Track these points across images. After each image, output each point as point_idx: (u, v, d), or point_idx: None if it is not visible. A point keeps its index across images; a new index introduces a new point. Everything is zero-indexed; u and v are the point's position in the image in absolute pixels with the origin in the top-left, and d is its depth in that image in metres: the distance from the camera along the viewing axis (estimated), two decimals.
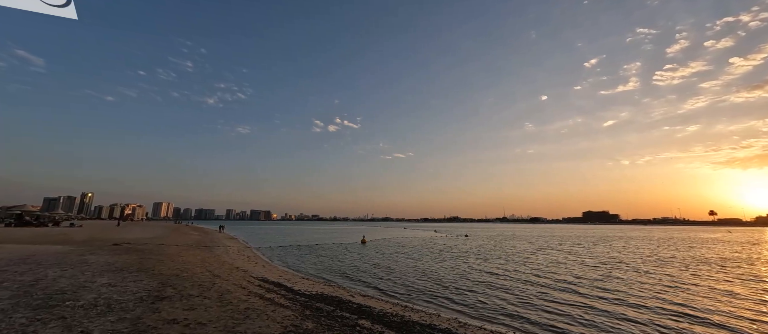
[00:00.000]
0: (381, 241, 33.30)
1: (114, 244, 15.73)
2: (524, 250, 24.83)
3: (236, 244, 25.51)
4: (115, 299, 5.24)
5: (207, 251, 16.55)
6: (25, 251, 11.10)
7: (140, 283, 6.69)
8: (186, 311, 4.93)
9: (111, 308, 4.77)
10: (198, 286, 7.02)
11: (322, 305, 6.88)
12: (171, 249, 15.23)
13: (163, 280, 7.20)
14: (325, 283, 11.12)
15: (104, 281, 6.59)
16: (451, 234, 52.18)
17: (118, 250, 12.94)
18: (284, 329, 4.63)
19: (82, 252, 11.43)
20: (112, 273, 7.56)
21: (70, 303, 4.89)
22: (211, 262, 12.48)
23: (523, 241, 35.64)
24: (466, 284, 11.39)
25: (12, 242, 14.98)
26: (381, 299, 8.96)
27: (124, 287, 6.23)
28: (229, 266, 12.38)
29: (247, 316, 5.07)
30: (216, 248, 18.97)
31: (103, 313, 4.52)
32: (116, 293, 5.65)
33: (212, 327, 4.34)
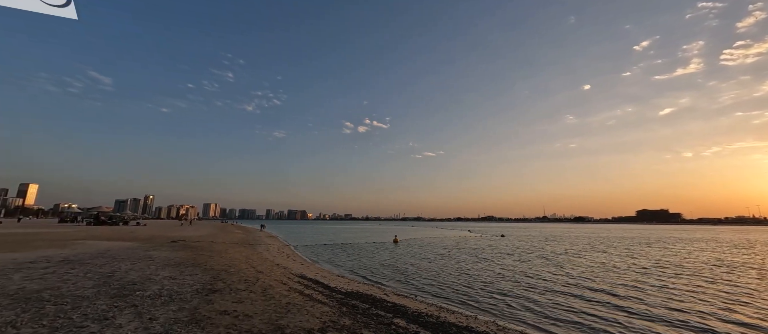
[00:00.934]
0: (413, 240, 33.16)
1: (172, 241, 17.48)
2: (566, 252, 23.17)
3: (276, 242, 27.01)
4: (176, 291, 5.84)
5: (250, 249, 17.73)
6: (102, 247, 12.78)
7: (195, 276, 7.38)
8: (235, 304, 5.34)
9: (172, 298, 5.33)
10: (244, 281, 7.56)
11: (357, 303, 7.04)
12: (219, 246, 16.56)
13: (214, 274, 7.87)
14: (359, 281, 11.35)
15: (166, 274, 7.37)
16: (485, 234, 50.35)
17: (175, 246, 14.37)
18: (323, 324, 4.82)
19: (147, 248, 12.87)
20: (172, 267, 8.42)
21: (139, 293, 5.55)
22: (254, 259, 13.36)
23: (565, 242, 33.29)
24: (502, 287, 10.93)
25: (92, 238, 17.31)
26: (415, 299, 8.93)
27: (183, 280, 6.91)
28: (271, 262, 13.15)
29: (289, 310, 5.36)
30: (258, 246, 20.25)
31: (166, 302, 5.06)
32: (176, 285, 6.29)
33: (258, 319, 4.66)
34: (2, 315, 4.09)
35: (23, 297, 4.95)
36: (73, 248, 11.80)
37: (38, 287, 5.66)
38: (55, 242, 14.53)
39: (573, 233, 56.34)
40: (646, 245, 29.78)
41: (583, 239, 39.76)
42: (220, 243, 18.62)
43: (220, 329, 4.08)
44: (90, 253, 10.59)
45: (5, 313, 4.19)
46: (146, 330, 3.85)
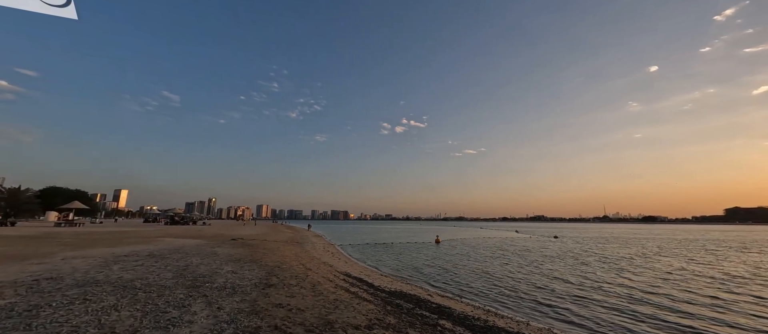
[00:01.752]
0: (455, 241, 32.27)
1: (232, 239, 19.34)
2: (632, 255, 20.58)
3: (321, 241, 28.33)
4: (237, 284, 6.45)
5: (299, 247, 18.85)
6: (177, 243, 14.63)
7: (253, 272, 8.07)
8: (288, 298, 5.73)
9: (235, 290, 5.90)
10: (295, 277, 8.06)
11: (402, 303, 7.08)
12: (272, 244, 17.89)
13: (268, 270, 8.53)
14: (402, 281, 11.39)
15: (229, 269, 8.18)
16: (535, 235, 46.96)
17: (235, 244, 15.87)
18: (369, 322, 4.94)
19: (212, 245, 14.42)
20: (233, 263, 9.33)
21: (208, 285, 6.24)
22: (302, 256, 14.17)
23: (632, 244, 29.59)
24: (554, 292, 10.11)
25: (169, 236, 19.91)
26: (460, 301, 8.69)
27: (243, 274, 7.62)
28: (318, 260, 13.84)
29: (337, 306, 5.59)
30: (306, 245, 21.44)
31: (230, 294, 5.62)
32: (238, 279, 6.95)
33: (309, 313, 4.94)
34: (108, 299, 4.92)
35: (121, 285, 5.89)
36: (155, 245, 13.70)
37: (131, 276, 6.69)
38: (142, 238, 17.01)
39: (641, 235, 49.87)
40: (740, 249, 25.16)
41: (654, 241, 34.99)
42: (272, 241, 20.09)
43: (276, 320, 4.41)
44: (168, 249, 12.19)
45: (109, 298, 5.03)
46: (215, 318, 4.32)
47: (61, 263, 8.03)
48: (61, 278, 6.26)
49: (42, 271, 6.97)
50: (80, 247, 12.02)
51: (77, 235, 18.98)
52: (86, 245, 12.64)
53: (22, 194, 42.37)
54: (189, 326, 3.95)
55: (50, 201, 49.42)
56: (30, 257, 9.04)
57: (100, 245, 12.78)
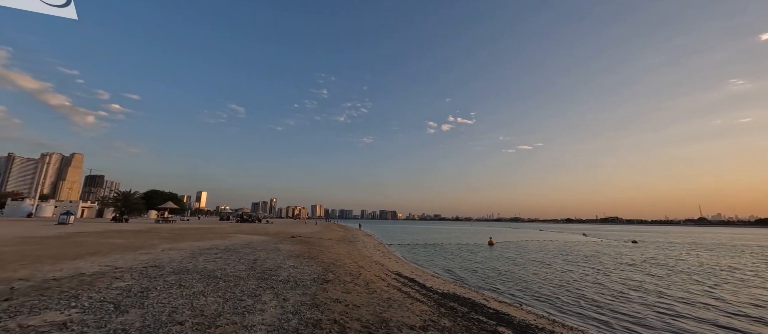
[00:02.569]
0: (511, 243, 30.20)
1: (292, 236, 20.98)
2: (736, 266, 16.81)
3: (372, 240, 29.04)
4: (299, 278, 6.98)
5: (351, 246, 19.60)
6: (247, 239, 16.40)
7: (311, 267, 8.64)
8: (344, 294, 6.00)
9: (297, 284, 6.39)
10: (349, 274, 8.41)
11: (456, 305, 6.88)
12: (326, 242, 18.93)
13: (325, 267, 9.04)
14: (455, 283, 11.06)
15: (290, 264, 8.89)
16: (608, 239, 41.42)
17: (294, 241, 17.19)
18: (423, 323, 4.90)
19: (275, 242, 15.83)
20: (294, 258, 10.11)
21: (274, 278, 6.87)
22: (355, 255, 14.71)
23: (737, 253, 24.21)
24: (631, 304, 8.78)
25: (240, 233, 22.43)
26: (521, 308, 8.11)
27: (303, 270, 8.21)
28: (369, 259, 14.23)
29: (390, 305, 5.68)
30: (357, 243, 22.21)
31: (293, 287, 6.10)
32: (298, 274, 7.51)
33: (365, 310, 5.10)
34: (197, 286, 5.74)
35: (206, 275, 6.83)
36: (230, 240, 15.56)
37: (213, 267, 7.70)
38: (219, 234, 19.46)
39: (752, 241, 40.47)
40: None
41: None
42: (327, 239, 21.25)
43: (334, 314, 4.65)
44: (240, 244, 13.74)
45: (198, 285, 5.85)
46: (282, 308, 4.74)
47: (161, 254, 9.62)
48: (161, 266, 7.50)
49: (148, 260, 8.43)
50: (174, 240, 14.23)
51: (171, 230, 22.52)
52: (178, 239, 14.92)
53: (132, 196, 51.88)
54: (261, 314, 4.40)
55: (151, 202, 59.66)
56: (139, 247, 11.01)
57: (188, 239, 14.98)
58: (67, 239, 13.14)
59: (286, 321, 4.20)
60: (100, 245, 11.25)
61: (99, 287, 5.26)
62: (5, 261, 7.39)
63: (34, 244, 11.13)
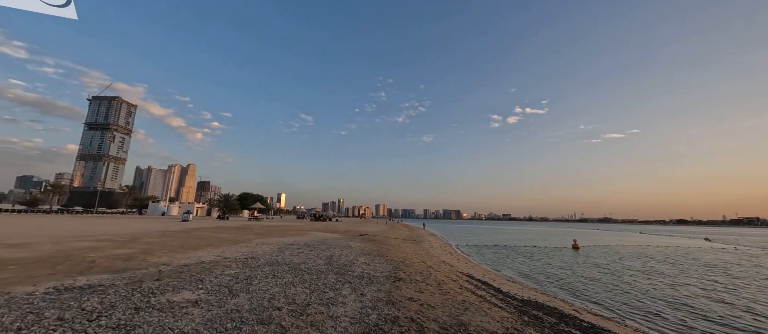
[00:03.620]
0: (601, 248, 26.05)
1: (360, 234, 22.07)
2: None
3: (437, 240, 28.55)
4: (372, 275, 7.27)
5: (417, 245, 19.61)
6: (321, 237, 17.86)
7: (382, 265, 8.92)
8: (417, 293, 6.02)
9: (371, 281, 6.67)
10: (419, 273, 8.41)
11: (540, 314, 6.24)
12: (393, 241, 19.34)
13: (395, 265, 9.23)
14: (535, 289, 10.06)
15: (363, 261, 9.34)
16: (747, 245, 32.25)
17: (363, 239, 18.03)
18: (505, 330, 4.58)
19: (346, 239, 16.85)
20: (365, 256, 10.60)
21: (349, 273, 7.30)
22: (422, 254, 14.66)
23: None
24: None
25: (315, 230, 24.58)
26: (623, 324, 6.92)
27: (374, 267, 8.53)
28: (436, 259, 14.00)
29: (466, 308, 5.46)
30: (422, 243, 22.11)
31: (368, 283, 6.39)
32: (371, 271, 7.83)
33: (440, 311, 5.02)
34: (287, 277, 6.48)
35: (293, 267, 7.66)
36: (307, 237, 17.18)
37: (298, 261, 8.60)
38: (298, 231, 21.67)
39: None
40: None
41: None
42: (393, 238, 21.70)
43: (411, 313, 4.70)
44: (316, 240, 15.05)
45: (287, 276, 6.60)
46: (361, 302, 5.00)
47: (256, 247, 11.17)
48: (257, 258, 8.70)
49: (247, 252, 9.89)
50: (264, 236, 16.39)
51: (261, 227, 26.00)
52: (267, 235, 17.13)
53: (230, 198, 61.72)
54: (343, 307, 4.72)
55: (244, 202, 70.08)
56: (239, 241, 13.00)
57: (274, 235, 17.07)
58: (190, 233, 16.32)
59: (366, 315, 4.41)
60: (212, 239, 13.66)
61: (216, 273, 6.38)
62: (154, 249, 9.58)
63: (169, 236, 14.15)
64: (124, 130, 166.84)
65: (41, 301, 4.20)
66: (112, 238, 12.71)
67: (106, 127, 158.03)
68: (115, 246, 10.08)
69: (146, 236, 14.17)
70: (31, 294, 4.48)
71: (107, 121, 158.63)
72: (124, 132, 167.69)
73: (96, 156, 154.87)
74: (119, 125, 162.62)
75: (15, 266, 6.44)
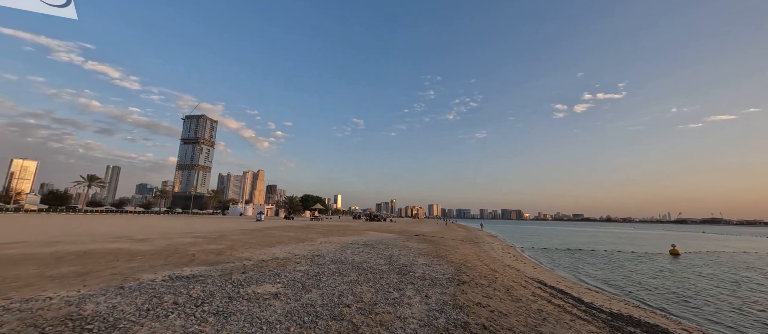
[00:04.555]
0: (711, 255, 21.30)
1: (415, 235, 21.93)
2: None
3: (497, 242, 26.80)
4: (434, 277, 7.11)
5: (476, 247, 18.67)
6: (378, 236, 18.23)
7: (442, 267, 8.67)
8: (485, 298, 5.67)
9: (434, 283, 6.51)
10: (484, 277, 7.94)
11: (636, 331, 5.32)
12: (449, 242, 18.75)
13: (456, 267, 8.89)
14: (626, 301, 8.67)
15: (423, 262, 9.22)
16: None
17: (419, 239, 17.86)
18: None
19: (402, 239, 16.89)
20: (424, 256, 10.46)
21: (411, 274, 7.25)
22: (483, 256, 13.88)
23: None
24: None
25: (371, 230, 25.24)
26: None
27: (435, 268, 8.34)
28: (500, 262, 13.10)
29: (544, 318, 4.94)
30: (482, 244, 20.96)
31: (431, 285, 6.25)
32: (433, 272, 7.67)
33: (514, 320, 4.63)
34: (351, 275, 6.72)
35: (355, 265, 7.93)
36: (365, 236, 17.71)
37: (359, 260, 8.88)
38: (355, 231, 22.51)
39: None
40: None
41: None
42: (449, 239, 21.05)
43: (481, 319, 4.43)
44: (374, 240, 15.40)
45: (352, 274, 6.85)
46: (426, 305, 4.90)
47: (320, 246, 11.90)
48: (322, 256, 9.24)
49: (312, 250, 10.59)
50: (325, 235, 17.41)
51: (322, 227, 27.74)
52: (328, 234, 18.16)
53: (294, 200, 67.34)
54: (409, 308, 4.68)
55: (305, 204, 75.79)
56: (305, 240, 14.02)
57: (335, 234, 18.01)
58: (263, 232, 18.22)
59: (434, 319, 4.29)
60: (282, 237, 15.01)
61: (289, 269, 6.95)
62: (237, 245, 10.92)
63: (247, 234, 16.00)
64: (208, 143, 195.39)
65: (160, 287, 5.08)
66: (204, 235, 14.89)
67: (195, 141, 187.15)
68: (208, 242, 11.76)
69: (230, 233, 16.26)
70: (153, 281, 5.46)
71: (196, 136, 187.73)
72: (209, 144, 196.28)
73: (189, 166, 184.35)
74: (205, 139, 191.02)
75: (140, 257, 7.95)
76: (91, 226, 20.20)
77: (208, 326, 3.55)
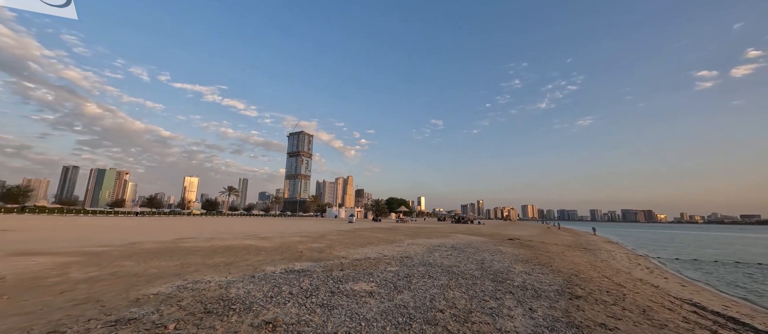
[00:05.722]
0: None
1: (509, 238, 19.96)
2: None
3: (620, 250, 21.87)
4: (537, 287, 6.24)
5: (590, 254, 15.68)
6: (466, 239, 17.34)
7: (547, 276, 7.55)
8: (611, 319, 4.63)
9: (538, 294, 5.71)
10: (605, 292, 6.54)
11: None
12: (552, 247, 16.30)
13: (565, 277, 7.61)
14: None
15: (520, 269, 8.25)
16: None
17: (514, 244, 16.15)
18: None
19: (495, 243, 15.59)
20: (522, 263, 9.36)
21: (508, 282, 6.56)
22: (601, 267, 11.51)
23: None
24: None
25: (457, 232, 24.26)
26: None
27: (537, 277, 7.34)
28: (626, 275, 10.60)
29: None
30: (598, 252, 17.47)
31: (535, 297, 5.49)
32: (535, 282, 6.75)
33: None
34: (441, 279, 6.54)
35: (445, 269, 7.69)
36: (452, 239, 17.13)
37: (449, 263, 8.59)
38: (441, 234, 22.03)
39: None
40: None
41: None
42: (552, 244, 18.33)
43: None
44: (462, 243, 14.71)
45: (442, 278, 6.66)
46: (531, 319, 4.31)
47: (408, 247, 12.07)
48: (411, 257, 9.33)
49: (401, 251, 10.81)
50: (412, 237, 17.61)
51: (408, 228, 28.26)
52: (414, 236, 18.32)
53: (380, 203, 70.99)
54: (510, 320, 4.21)
55: (390, 206, 78.88)
56: (393, 241, 14.48)
57: (421, 237, 18.03)
58: (355, 233, 19.73)
59: None
60: (372, 238, 15.92)
61: (381, 269, 7.26)
62: (335, 245, 12.11)
63: (342, 235, 17.61)
64: (307, 155, 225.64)
65: (279, 278, 6.02)
66: (308, 234, 17.10)
67: (297, 154, 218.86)
68: (311, 241, 13.44)
69: (328, 234, 18.21)
70: (273, 272, 6.51)
71: (298, 149, 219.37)
72: (308, 156, 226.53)
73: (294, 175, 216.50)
74: (304, 151, 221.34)
75: (264, 252, 9.66)
76: (231, 226, 25.86)
77: (316, 317, 3.98)
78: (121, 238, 13.08)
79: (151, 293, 4.79)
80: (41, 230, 16.71)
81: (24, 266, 6.52)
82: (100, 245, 10.48)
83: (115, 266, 6.77)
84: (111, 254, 8.51)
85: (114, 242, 11.24)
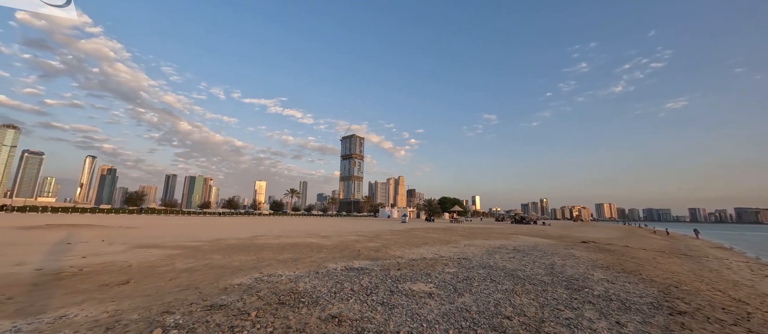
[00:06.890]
0: None
1: (582, 241, 17.75)
2: None
3: (736, 257, 17.71)
4: (625, 298, 5.40)
5: (692, 262, 13.03)
6: (530, 241, 15.95)
7: (636, 286, 6.49)
8: None
9: (627, 306, 4.93)
10: (720, 309, 5.33)
11: None
12: (640, 253, 13.99)
13: (661, 288, 6.44)
14: None
15: (600, 276, 7.25)
16: None
17: (589, 247, 14.30)
18: None
19: (564, 246, 14.02)
20: (601, 269, 8.22)
21: (587, 290, 5.81)
22: (710, 278, 9.46)
23: None
24: None
25: (519, 234, 22.47)
26: None
27: (623, 286, 6.35)
28: (749, 289, 8.50)
29: None
30: (704, 260, 14.42)
31: (624, 310, 4.75)
32: (621, 292, 5.86)
33: None
34: (505, 283, 6.10)
35: (508, 272, 7.17)
36: (513, 241, 15.93)
37: (512, 267, 7.99)
38: (501, 234, 20.66)
39: None
40: None
41: None
42: (640, 249, 15.75)
43: None
44: (526, 246, 13.58)
45: (505, 282, 6.21)
46: None
47: (465, 249, 11.60)
48: (469, 259, 8.93)
49: (458, 252, 10.44)
50: (468, 238, 16.89)
51: (464, 229, 27.22)
52: (471, 237, 17.54)
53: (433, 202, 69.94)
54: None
55: (443, 206, 77.00)
56: (448, 242, 14.07)
57: (478, 237, 17.17)
58: (409, 233, 19.73)
59: None
60: (426, 238, 15.72)
61: (438, 270, 7.11)
62: (390, 244, 12.26)
63: (396, 234, 17.76)
64: (359, 157, 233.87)
65: (340, 275, 6.31)
66: (364, 234, 17.66)
67: (350, 157, 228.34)
68: (368, 240, 13.85)
69: (383, 233, 18.56)
70: (335, 269, 6.87)
71: (350, 152, 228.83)
72: (359, 158, 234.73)
73: (348, 177, 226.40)
74: (356, 154, 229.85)
75: (325, 250, 10.27)
76: (295, 225, 28.16)
77: (378, 314, 4.06)
78: (209, 234, 15.26)
79: (235, 283, 5.46)
80: (152, 227, 20.46)
81: (144, 257, 8.05)
82: (195, 240, 12.38)
83: (207, 259, 7.91)
84: (203, 248, 9.98)
85: (204, 238, 13.17)
